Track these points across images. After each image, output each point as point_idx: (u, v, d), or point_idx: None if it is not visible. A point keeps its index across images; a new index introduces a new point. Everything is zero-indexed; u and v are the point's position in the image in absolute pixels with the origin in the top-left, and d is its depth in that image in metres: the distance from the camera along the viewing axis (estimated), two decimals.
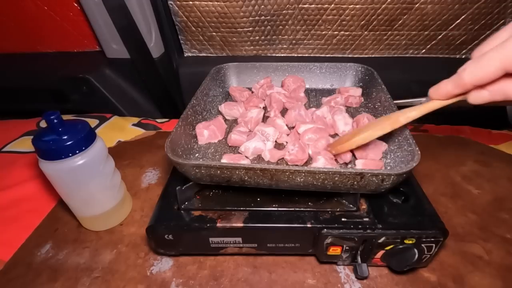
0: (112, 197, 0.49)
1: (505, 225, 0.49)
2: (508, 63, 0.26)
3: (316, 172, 0.35)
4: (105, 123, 0.77)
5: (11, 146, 0.70)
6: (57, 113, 0.40)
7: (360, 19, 0.77)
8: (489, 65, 0.27)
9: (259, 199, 0.42)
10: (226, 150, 0.50)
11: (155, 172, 0.62)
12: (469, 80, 0.29)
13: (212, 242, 0.41)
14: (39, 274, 0.44)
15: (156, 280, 0.43)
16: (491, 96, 0.29)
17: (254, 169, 0.36)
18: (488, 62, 0.27)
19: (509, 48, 0.26)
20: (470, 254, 0.45)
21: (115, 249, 0.47)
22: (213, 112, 0.59)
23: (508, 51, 0.26)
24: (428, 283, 0.42)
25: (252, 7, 0.75)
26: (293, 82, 0.63)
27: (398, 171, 0.34)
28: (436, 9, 0.74)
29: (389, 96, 0.52)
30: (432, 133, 0.72)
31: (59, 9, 0.81)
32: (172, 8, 0.78)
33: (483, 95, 0.30)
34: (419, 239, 0.38)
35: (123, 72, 0.87)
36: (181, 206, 0.41)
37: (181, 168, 0.38)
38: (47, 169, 0.41)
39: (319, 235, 0.39)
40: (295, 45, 0.84)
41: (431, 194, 0.44)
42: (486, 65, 0.27)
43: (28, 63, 0.89)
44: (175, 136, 0.43)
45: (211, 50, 0.87)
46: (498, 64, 0.26)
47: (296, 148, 0.44)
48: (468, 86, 0.30)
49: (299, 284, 0.42)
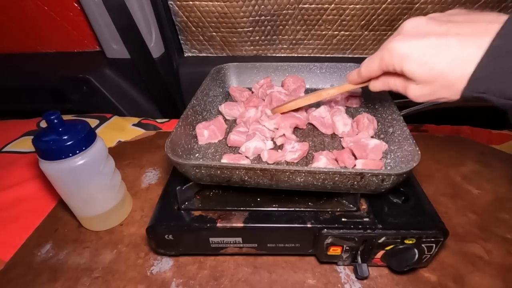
0: (112, 197, 0.49)
1: (505, 225, 0.49)
2: (382, 64, 0.34)
3: (316, 172, 0.35)
4: (105, 123, 0.77)
5: (11, 146, 0.70)
6: (57, 113, 0.40)
7: (360, 19, 0.76)
8: (373, 65, 0.36)
9: (259, 199, 0.42)
10: (226, 150, 0.50)
11: (155, 172, 0.62)
12: (364, 74, 0.38)
13: (212, 242, 0.41)
14: (39, 274, 0.44)
15: (156, 280, 0.43)
16: (382, 86, 0.38)
17: (254, 169, 0.36)
18: (373, 62, 0.36)
19: (381, 54, 0.34)
20: (470, 254, 0.45)
21: (115, 249, 0.47)
22: (213, 112, 0.59)
23: (381, 56, 0.34)
24: (428, 283, 0.42)
25: (252, 7, 0.75)
26: (293, 82, 0.63)
27: (398, 171, 0.34)
28: (436, 9, 0.74)
29: (389, 96, 0.53)
30: (432, 133, 0.72)
31: (59, 9, 0.81)
32: (172, 8, 0.78)
33: (377, 85, 0.39)
34: (419, 239, 0.38)
35: (123, 72, 0.87)
36: (181, 206, 0.41)
37: (181, 168, 0.38)
38: (47, 169, 0.41)
39: (319, 235, 0.39)
40: (295, 45, 0.84)
41: (431, 194, 0.44)
42: (372, 64, 0.36)
43: (28, 63, 0.89)
44: (175, 136, 0.43)
45: (211, 50, 0.87)
46: (378, 64, 0.35)
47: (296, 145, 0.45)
48: (365, 78, 0.39)
49: (299, 284, 0.42)
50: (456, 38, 0.28)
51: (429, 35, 0.30)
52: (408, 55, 0.31)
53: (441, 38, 0.29)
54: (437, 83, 0.31)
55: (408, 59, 0.31)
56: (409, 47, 0.31)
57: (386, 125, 0.50)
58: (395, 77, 0.36)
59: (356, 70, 0.40)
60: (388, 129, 0.49)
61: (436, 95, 0.32)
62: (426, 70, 0.30)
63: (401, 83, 0.35)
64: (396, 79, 0.35)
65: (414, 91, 0.33)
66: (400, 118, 0.46)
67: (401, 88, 0.35)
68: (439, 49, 0.29)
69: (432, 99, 0.32)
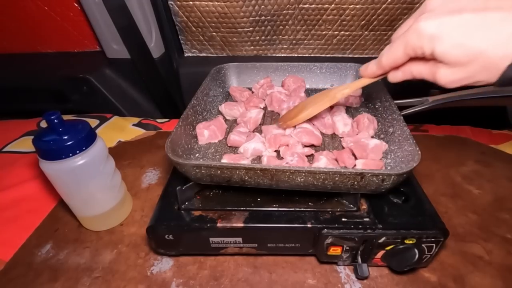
0: (112, 197, 0.49)
1: (506, 225, 0.49)
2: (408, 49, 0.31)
3: (317, 172, 0.35)
4: (106, 123, 0.77)
5: (11, 146, 0.70)
6: (58, 113, 0.40)
7: (361, 19, 0.76)
8: (397, 51, 0.32)
9: (259, 199, 0.42)
10: (226, 150, 0.50)
11: (155, 172, 0.62)
12: (386, 63, 0.35)
13: (213, 242, 0.41)
14: (40, 274, 0.44)
15: (157, 280, 0.43)
16: (403, 76, 0.35)
17: (254, 169, 0.36)
18: (396, 49, 0.32)
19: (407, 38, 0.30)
20: (471, 254, 0.45)
21: (115, 249, 0.47)
22: (214, 112, 0.59)
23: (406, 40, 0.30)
24: (428, 283, 0.42)
25: (252, 7, 0.75)
26: (293, 82, 0.63)
27: (398, 171, 0.34)
28: None
29: (389, 96, 0.53)
30: (432, 133, 0.72)
31: (60, 9, 0.81)
32: (173, 8, 0.78)
33: (398, 75, 0.36)
34: (420, 239, 0.38)
35: (123, 72, 0.87)
36: (182, 206, 0.41)
37: (182, 168, 0.38)
38: (48, 169, 0.41)
39: (319, 235, 0.39)
40: (295, 45, 0.84)
41: (431, 194, 0.44)
42: (395, 51, 0.33)
43: (28, 63, 0.89)
44: (176, 136, 0.43)
45: (211, 50, 0.87)
46: (402, 50, 0.31)
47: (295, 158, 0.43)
48: (386, 68, 0.36)
49: (299, 284, 0.42)
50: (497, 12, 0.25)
51: (463, 10, 0.27)
52: (440, 35, 0.27)
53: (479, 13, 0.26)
54: (475, 65, 0.27)
55: (440, 39, 0.27)
56: (441, 26, 0.27)
57: (386, 125, 0.50)
58: (420, 62, 0.32)
59: (374, 61, 0.37)
60: (388, 129, 0.49)
61: (472, 78, 0.28)
62: (461, 51, 0.27)
63: (428, 68, 0.31)
64: (422, 64, 0.32)
65: (446, 76, 0.29)
66: (400, 118, 0.46)
67: (428, 74, 0.31)
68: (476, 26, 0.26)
69: (468, 83, 0.29)
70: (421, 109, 0.54)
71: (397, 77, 0.36)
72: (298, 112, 0.49)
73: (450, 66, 0.29)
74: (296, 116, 0.48)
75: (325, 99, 0.46)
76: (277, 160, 0.46)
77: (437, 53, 0.28)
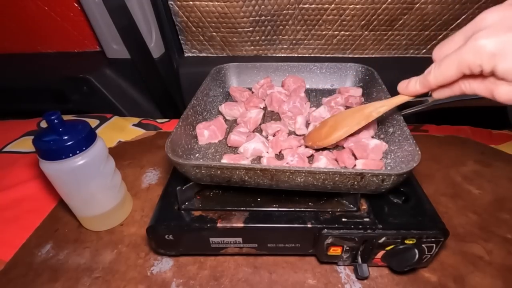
0: (112, 197, 0.49)
1: (506, 225, 0.49)
2: (463, 67, 0.30)
3: (317, 172, 0.35)
4: (106, 123, 0.77)
5: (11, 146, 0.70)
6: (58, 113, 0.40)
7: (361, 19, 0.76)
8: (449, 70, 0.31)
9: (259, 199, 0.42)
10: (226, 150, 0.50)
11: (155, 172, 0.62)
12: (434, 82, 0.33)
13: (213, 242, 0.41)
14: (40, 274, 0.44)
15: (157, 280, 0.43)
16: (451, 93, 0.34)
17: (254, 169, 0.36)
18: (447, 67, 0.31)
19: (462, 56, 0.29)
20: (471, 254, 0.45)
21: (115, 249, 0.47)
22: (214, 112, 0.59)
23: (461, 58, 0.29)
24: (428, 284, 0.42)
25: (253, 7, 0.75)
26: (293, 82, 0.63)
27: (398, 171, 0.34)
28: (437, 9, 0.74)
29: (390, 96, 0.52)
30: (432, 133, 0.72)
31: (60, 9, 0.81)
32: (173, 8, 0.78)
33: (445, 92, 0.35)
34: (420, 239, 0.38)
35: (123, 72, 0.87)
36: (182, 206, 0.41)
37: (182, 168, 0.38)
38: (48, 169, 0.41)
39: (319, 235, 0.39)
40: (295, 45, 0.84)
41: (431, 194, 0.44)
42: (447, 69, 0.31)
43: (28, 63, 0.90)
44: (176, 136, 0.43)
45: (212, 50, 0.87)
46: (456, 68, 0.30)
47: (295, 158, 0.43)
48: (433, 87, 0.34)
49: (299, 284, 0.42)
50: None
51: None
52: (503, 52, 0.27)
53: None
54: None
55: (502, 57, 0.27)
56: (503, 43, 0.27)
57: (387, 125, 0.50)
58: (474, 80, 0.31)
59: (416, 79, 0.36)
60: (389, 129, 0.49)
61: None
62: None
63: (485, 86, 0.31)
64: (476, 82, 0.31)
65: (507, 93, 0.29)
66: (401, 118, 0.46)
67: (484, 91, 0.31)
68: None
69: None
70: (421, 109, 0.53)
71: (444, 94, 0.35)
72: (330, 131, 0.45)
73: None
74: (329, 136, 0.45)
75: (359, 118, 0.43)
76: (277, 160, 0.46)
77: (499, 71, 0.28)
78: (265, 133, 0.52)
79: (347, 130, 0.44)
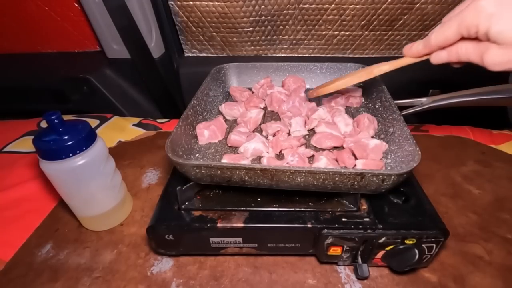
0: (112, 197, 0.49)
1: (506, 225, 0.49)
2: (462, 28, 0.32)
3: (317, 172, 0.35)
4: (106, 123, 0.77)
5: (12, 146, 0.70)
6: (58, 113, 0.40)
7: (361, 19, 0.76)
8: (449, 29, 0.33)
9: (259, 199, 0.42)
10: (226, 150, 0.50)
11: (155, 172, 0.62)
12: (434, 41, 0.35)
13: (213, 242, 0.41)
14: (40, 274, 0.44)
15: (157, 280, 0.43)
16: (448, 56, 0.35)
17: (254, 169, 0.36)
18: (448, 27, 0.33)
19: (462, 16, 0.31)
20: (471, 254, 0.45)
21: (115, 249, 0.47)
22: (214, 112, 0.59)
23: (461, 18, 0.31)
24: (428, 284, 0.41)
25: (253, 7, 0.75)
26: (293, 82, 0.63)
27: (398, 171, 0.34)
28: (437, 9, 0.74)
29: (390, 96, 0.53)
30: (432, 133, 0.72)
31: (60, 9, 0.81)
32: (173, 8, 0.78)
33: (442, 55, 0.36)
34: (420, 239, 0.38)
35: (123, 72, 0.87)
36: (182, 206, 0.41)
37: (182, 168, 0.38)
38: (48, 169, 0.41)
39: (319, 235, 0.39)
40: (296, 45, 0.84)
41: (431, 194, 0.44)
42: (447, 29, 0.33)
43: (28, 63, 0.90)
44: (176, 136, 0.43)
45: (212, 50, 0.87)
46: (456, 28, 0.32)
47: (296, 158, 0.43)
48: (434, 47, 0.36)
49: (299, 284, 0.42)
50: None
51: None
52: (499, 13, 0.28)
53: None
54: None
55: (498, 18, 0.28)
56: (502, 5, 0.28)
57: (387, 125, 0.50)
58: (469, 42, 0.32)
59: (420, 40, 0.37)
60: (389, 129, 0.49)
61: None
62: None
63: (478, 49, 0.32)
64: (470, 44, 0.32)
65: (495, 56, 0.30)
66: (401, 118, 0.46)
67: (476, 55, 0.32)
68: None
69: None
70: (421, 109, 0.54)
71: (441, 58, 0.36)
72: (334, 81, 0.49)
73: (502, 47, 0.29)
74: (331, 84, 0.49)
75: (361, 73, 0.47)
76: (277, 160, 0.46)
77: (492, 32, 0.29)
78: (265, 133, 0.52)
79: (349, 80, 0.47)
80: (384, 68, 0.43)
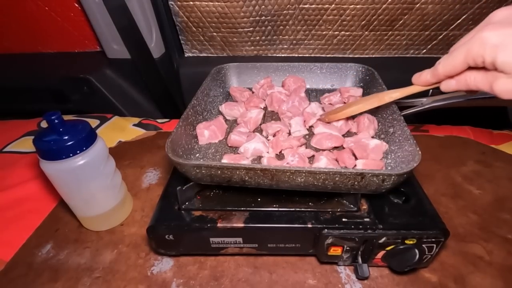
0: (112, 197, 0.49)
1: (506, 225, 0.49)
2: (469, 58, 0.32)
3: (317, 172, 0.35)
4: (106, 123, 0.77)
5: (12, 146, 0.70)
6: (58, 113, 0.40)
7: (361, 19, 0.76)
8: (456, 59, 0.33)
9: (259, 199, 0.42)
10: (226, 150, 0.50)
11: (155, 172, 0.62)
12: (442, 71, 0.36)
13: (213, 242, 0.41)
14: (40, 274, 0.44)
15: (157, 280, 0.43)
16: (457, 85, 0.36)
17: (254, 169, 0.36)
18: (455, 57, 0.33)
19: (469, 46, 0.31)
20: (471, 254, 0.45)
21: (115, 249, 0.47)
22: (214, 112, 0.59)
23: (468, 49, 0.32)
24: (429, 284, 0.41)
25: (253, 7, 0.75)
26: (293, 82, 0.63)
27: (398, 171, 0.34)
28: (437, 9, 0.73)
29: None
30: (432, 133, 0.72)
31: (60, 9, 0.81)
32: (173, 8, 0.78)
33: (451, 84, 0.36)
34: (420, 239, 0.38)
35: (123, 73, 0.87)
36: (182, 206, 0.41)
37: (182, 168, 0.38)
38: (48, 169, 0.41)
39: (319, 235, 0.39)
40: (296, 45, 0.84)
41: (431, 195, 0.44)
42: (454, 59, 0.34)
43: (29, 63, 0.90)
44: (176, 136, 0.43)
45: (212, 50, 0.87)
46: (463, 58, 0.32)
47: (296, 158, 0.43)
48: (442, 77, 0.36)
49: (299, 285, 0.42)
50: None
51: None
52: (504, 45, 0.29)
53: None
54: None
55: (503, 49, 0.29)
56: (504, 36, 0.29)
57: (387, 125, 0.50)
58: (477, 72, 0.33)
59: (428, 70, 0.38)
60: (389, 129, 0.49)
61: None
62: None
63: (486, 78, 0.32)
64: (478, 73, 0.33)
65: (505, 85, 0.30)
66: (401, 118, 0.46)
67: (485, 83, 0.32)
68: None
69: None
70: (422, 109, 0.53)
71: (450, 86, 0.36)
72: (345, 107, 0.51)
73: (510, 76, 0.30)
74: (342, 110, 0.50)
75: (372, 100, 0.48)
76: (277, 160, 0.46)
77: (499, 62, 0.29)
78: (265, 133, 0.52)
79: (360, 107, 0.49)
80: (394, 95, 0.45)
